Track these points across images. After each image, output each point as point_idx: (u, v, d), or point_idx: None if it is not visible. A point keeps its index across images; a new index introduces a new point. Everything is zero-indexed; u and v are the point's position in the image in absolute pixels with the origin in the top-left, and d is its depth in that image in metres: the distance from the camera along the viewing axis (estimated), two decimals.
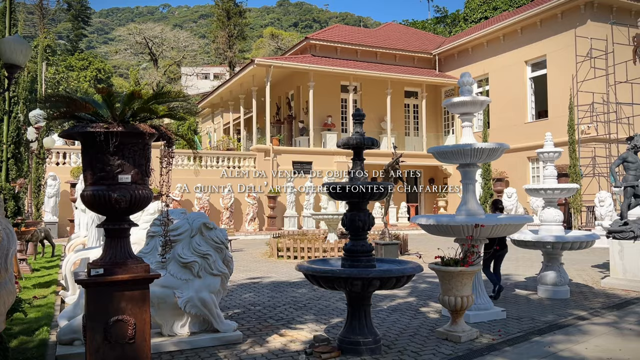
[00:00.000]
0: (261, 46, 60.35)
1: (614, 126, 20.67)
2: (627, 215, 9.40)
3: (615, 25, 20.91)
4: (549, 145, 8.96)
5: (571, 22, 22.01)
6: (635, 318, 6.97)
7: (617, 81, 20.71)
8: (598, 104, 21.00)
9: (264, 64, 24.73)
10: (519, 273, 11.03)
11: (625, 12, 22.29)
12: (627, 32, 21.13)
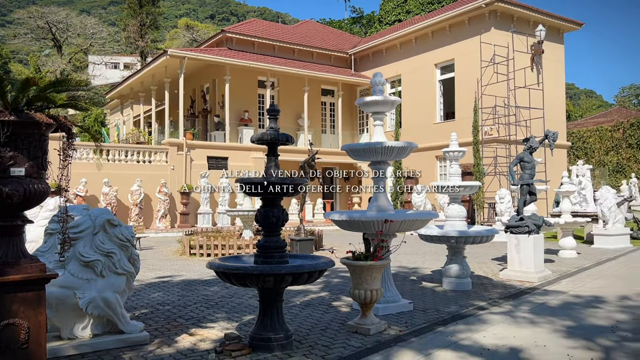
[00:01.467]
0: (175, 37, 58.40)
1: (514, 128, 22.17)
2: (523, 211, 10.12)
3: (516, 33, 22.43)
4: (454, 145, 9.43)
5: (477, 28, 23.31)
6: (528, 307, 7.52)
7: (516, 86, 22.23)
8: (500, 107, 22.43)
9: (178, 55, 23.96)
10: (425, 266, 11.53)
11: (524, 22, 23.97)
12: (526, 41, 22.75)
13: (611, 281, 9.57)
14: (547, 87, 23.15)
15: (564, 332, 6.13)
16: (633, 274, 10.42)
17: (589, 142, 35.18)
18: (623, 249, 14.12)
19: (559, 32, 25.80)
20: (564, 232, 13.26)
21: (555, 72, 25.09)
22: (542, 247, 9.93)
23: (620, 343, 5.67)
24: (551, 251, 13.54)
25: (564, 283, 9.43)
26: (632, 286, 8.93)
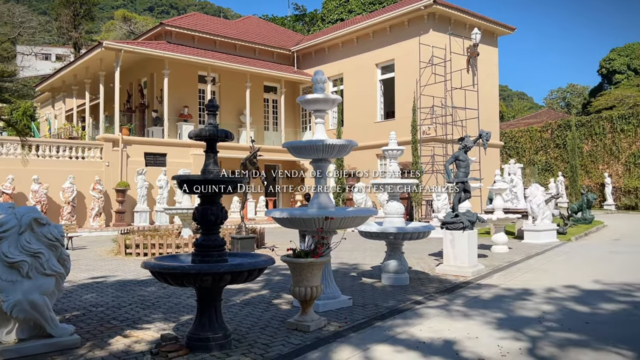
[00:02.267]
0: (112, 29, 56.21)
1: (450, 128, 22.90)
2: (458, 208, 10.47)
3: (453, 36, 23.16)
4: (393, 144, 9.62)
5: (416, 30, 23.88)
6: (462, 300, 7.79)
7: (453, 87, 22.96)
8: (437, 107, 23.10)
9: (114, 47, 23.07)
10: (366, 262, 11.71)
11: (461, 25, 24.78)
12: (462, 44, 23.53)
13: (539, 274, 10.08)
14: (481, 88, 24.05)
15: (495, 323, 6.40)
16: (558, 267, 11.02)
17: (520, 142, 36.88)
18: (550, 244, 14.89)
19: (493, 36, 26.87)
20: (496, 228, 13.83)
21: (489, 74, 26.11)
22: (475, 243, 10.31)
23: (546, 333, 5.98)
24: (484, 246, 14.08)
25: (495, 277, 9.84)
26: (557, 279, 9.44)
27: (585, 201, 20.89)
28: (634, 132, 30.56)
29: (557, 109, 69.09)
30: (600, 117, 33.30)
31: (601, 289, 8.48)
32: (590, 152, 32.73)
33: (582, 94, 68.47)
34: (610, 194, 30.31)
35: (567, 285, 8.81)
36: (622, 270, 10.41)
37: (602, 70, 56.05)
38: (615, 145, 31.48)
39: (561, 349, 5.40)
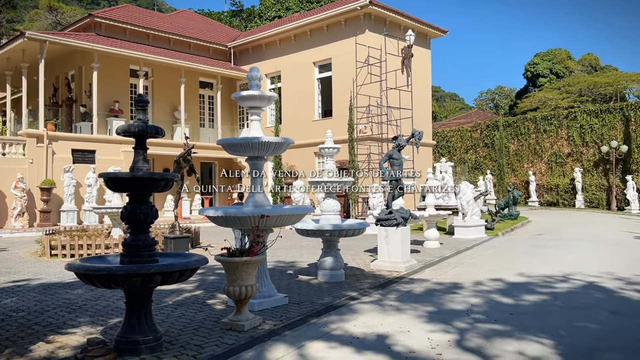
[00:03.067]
0: (36, 18, 53.18)
1: (386, 127, 23.38)
2: (392, 205, 10.70)
3: (388, 37, 23.63)
4: (329, 142, 9.69)
5: (353, 30, 24.17)
6: (395, 295, 7.98)
7: (388, 87, 23.45)
8: (373, 107, 23.51)
9: (38, 38, 21.81)
10: (303, 260, 11.75)
11: (396, 27, 25.34)
12: (397, 45, 24.07)
13: (468, 268, 10.48)
14: (415, 89, 24.70)
15: (425, 317, 6.60)
16: (486, 261, 11.51)
17: (452, 141, 38.22)
18: (479, 239, 15.53)
19: (426, 38, 27.67)
20: (428, 224, 14.26)
21: (422, 75, 26.87)
22: (408, 239, 10.58)
23: (473, 325, 6.23)
24: (417, 242, 14.50)
25: (427, 271, 10.14)
26: (485, 273, 9.86)
27: (512, 198, 21.94)
28: (556, 133, 32.42)
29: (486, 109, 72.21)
30: (525, 118, 35.07)
31: (524, 282, 8.94)
32: (516, 151, 34.40)
33: (509, 96, 71.91)
34: (534, 191, 32.02)
35: (494, 278, 9.23)
36: (543, 263, 11.02)
37: (527, 73, 59.13)
38: (538, 145, 33.27)
39: (487, 339, 5.64)
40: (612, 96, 46.38)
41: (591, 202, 30.12)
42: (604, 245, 13.99)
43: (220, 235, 16.74)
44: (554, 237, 16.20)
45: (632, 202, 26.62)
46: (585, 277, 9.24)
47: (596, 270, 9.91)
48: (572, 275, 9.50)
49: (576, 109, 33.71)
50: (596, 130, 30.29)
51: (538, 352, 5.21)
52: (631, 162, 28.48)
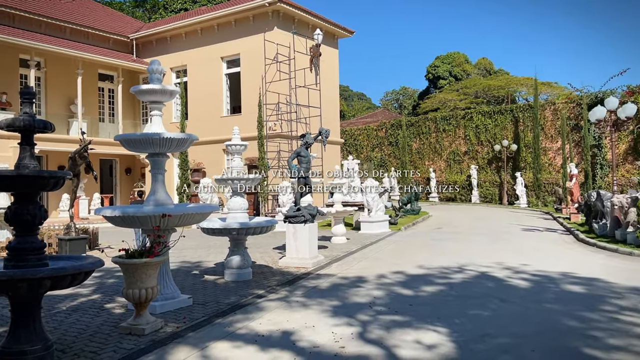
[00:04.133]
0: None
1: (295, 124, 23.51)
2: (300, 202, 10.80)
3: (297, 35, 23.77)
4: (236, 139, 9.58)
5: (261, 26, 24.04)
6: (302, 291, 8.05)
7: (297, 85, 23.60)
8: (283, 104, 23.55)
9: None
10: (209, 259, 11.51)
11: (304, 25, 25.55)
12: (306, 43, 24.27)
13: (372, 262, 10.83)
14: (323, 87, 25.07)
15: (330, 311, 6.72)
16: (390, 255, 11.95)
17: (359, 140, 39.28)
18: (383, 234, 16.10)
19: (334, 38, 28.17)
20: (336, 220, 14.56)
21: (330, 74, 27.33)
22: (316, 235, 10.72)
23: (375, 317, 6.45)
24: (325, 238, 14.74)
25: (334, 266, 10.35)
26: (388, 266, 10.24)
27: (414, 194, 22.99)
28: (454, 132, 34.38)
29: (391, 109, 75.00)
30: (426, 118, 36.84)
31: (424, 273, 9.39)
32: (418, 149, 36.04)
33: (412, 97, 75.20)
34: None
35: (396, 271, 9.60)
36: (441, 255, 11.64)
37: (429, 75, 62.18)
38: (438, 144, 35.10)
39: (387, 330, 5.86)
40: (504, 98, 49.97)
41: (485, 197, 32.28)
42: (496, 237, 15.06)
43: (123, 236, 15.97)
44: (452, 230, 17.18)
45: (521, 197, 28.87)
46: (478, 268, 9.89)
47: (488, 261, 10.64)
48: (466, 266, 10.13)
49: (472, 110, 35.93)
50: (490, 130, 32.49)
51: (434, 340, 5.49)
52: (520, 160, 30.88)
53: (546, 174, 29.34)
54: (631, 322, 6.07)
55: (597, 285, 8.24)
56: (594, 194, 15.43)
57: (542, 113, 30.01)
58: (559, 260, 10.77)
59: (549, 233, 16.21)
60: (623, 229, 13.11)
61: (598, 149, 27.08)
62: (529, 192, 29.33)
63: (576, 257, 11.41)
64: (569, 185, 21.35)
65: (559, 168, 28.42)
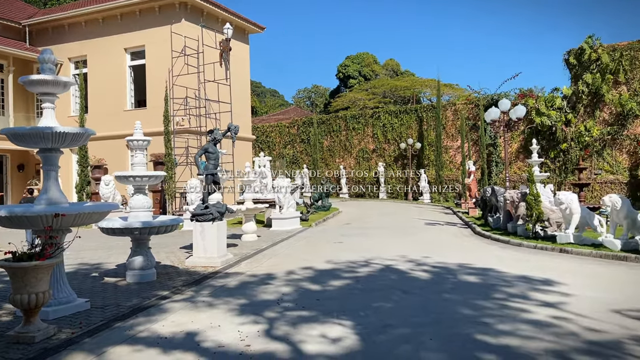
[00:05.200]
0: None
1: (204, 120, 22.97)
2: (208, 200, 10.56)
3: (205, 28, 23.20)
4: (138, 134, 9.19)
5: (168, 18, 23.20)
6: (209, 291, 7.89)
7: (206, 79, 23.05)
8: (191, 99, 22.91)
9: None
10: (110, 261, 10.95)
11: (213, 19, 24.99)
12: (215, 37, 23.78)
13: (282, 259, 10.85)
14: (234, 83, 24.69)
15: (237, 310, 6.64)
16: (300, 251, 12.05)
17: (271, 136, 39.19)
18: (294, 230, 16.19)
19: (244, 33, 27.82)
20: (246, 218, 14.41)
21: (241, 70, 26.99)
22: (225, 233, 10.55)
23: (282, 313, 6.46)
24: (236, 236, 14.56)
25: (243, 264, 10.24)
26: (298, 262, 10.30)
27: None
28: (363, 131, 35.31)
29: (303, 107, 75.59)
30: (337, 116, 37.51)
31: (332, 268, 9.56)
32: (329, 146, 36.62)
33: (324, 95, 76.28)
34: (345, 183, 34.50)
35: (305, 267, 9.69)
36: (349, 250, 11.91)
37: (340, 74, 63.39)
38: (348, 141, 35.89)
39: (294, 326, 5.89)
40: (409, 99, 52.10)
41: (392, 193, 33.49)
42: (401, 231, 15.67)
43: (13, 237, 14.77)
44: (360, 225, 17.64)
45: (425, 193, 30.28)
46: (383, 261, 10.23)
47: (393, 254, 11.04)
48: (373, 259, 10.44)
49: (380, 109, 37.10)
50: (396, 129, 33.73)
51: (339, 334, 5.60)
52: (424, 158, 32.36)
53: (447, 170, 31.00)
54: (518, 308, 6.56)
55: (490, 275, 8.83)
56: (489, 190, 16.52)
57: (444, 113, 31.63)
58: (457, 252, 11.42)
59: (449, 227, 17.14)
60: (514, 222, 14.16)
61: (493, 148, 29.01)
62: (432, 188, 30.83)
63: (473, 248, 12.16)
64: (467, 181, 22.68)
65: (459, 165, 30.13)
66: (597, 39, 25.36)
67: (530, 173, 13.08)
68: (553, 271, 9.03)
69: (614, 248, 10.90)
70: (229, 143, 20.61)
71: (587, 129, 25.38)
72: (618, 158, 25.09)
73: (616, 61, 24.74)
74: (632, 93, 24.68)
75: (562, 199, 11.78)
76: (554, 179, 26.22)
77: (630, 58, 24.78)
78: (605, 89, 24.95)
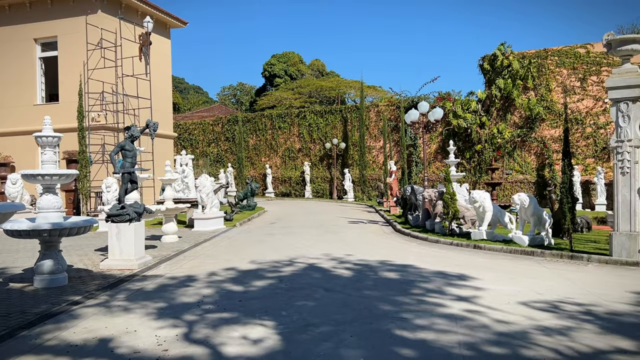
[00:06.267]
0: None
1: (122, 116, 22.00)
2: (125, 200, 10.12)
3: (124, 21, 22.23)
4: (48, 130, 8.64)
5: (83, 8, 22.01)
6: (125, 295, 7.55)
7: (125, 74, 22.09)
8: (108, 94, 21.87)
9: None
10: (17, 265, 10.21)
11: (133, 11, 24.00)
12: (134, 30, 22.85)
13: (204, 260, 10.61)
14: (154, 78, 23.84)
15: (155, 314, 6.41)
16: (223, 252, 11.83)
17: (194, 134, 38.26)
18: (218, 230, 15.89)
19: (166, 27, 26.95)
20: (167, 218, 13.95)
21: (162, 65, 26.13)
22: (143, 234, 10.15)
23: (203, 316, 6.31)
24: (155, 237, 14.07)
25: (162, 267, 9.91)
26: (220, 263, 10.12)
27: (250, 190, 23.09)
28: (289, 130, 35.33)
29: (229, 104, 74.48)
30: (263, 115, 37.27)
31: (256, 268, 9.47)
32: (255, 145, 36.33)
33: (250, 93, 75.54)
34: (271, 183, 34.37)
35: (228, 268, 9.54)
36: (274, 250, 11.87)
37: (265, 73, 63.04)
38: (274, 140, 35.78)
39: (215, 329, 5.77)
40: (335, 99, 52.80)
41: (318, 192, 33.79)
42: (325, 230, 15.83)
43: None
44: (285, 225, 17.64)
45: (349, 192, 30.82)
46: (307, 260, 10.28)
47: (317, 253, 11.13)
48: (297, 259, 10.46)
49: (306, 109, 37.28)
50: (321, 129, 34.06)
51: (261, 334, 5.55)
52: (348, 158, 32.92)
53: (370, 170, 31.73)
54: (435, 303, 6.82)
55: (409, 271, 9.11)
56: (409, 189, 17.07)
57: (367, 114, 32.33)
58: (378, 250, 11.70)
59: (372, 225, 17.54)
60: (432, 220, 14.72)
61: (414, 148, 30.04)
62: (355, 187, 31.43)
63: (393, 245, 12.51)
64: (389, 180, 23.34)
65: (381, 165, 30.92)
66: (508, 46, 26.95)
67: (447, 173, 13.65)
68: (467, 267, 9.47)
69: (522, 244, 11.62)
70: (149, 140, 19.90)
71: (499, 131, 26.89)
72: (527, 159, 26.79)
73: (525, 68, 26.40)
74: (539, 98, 26.45)
75: (476, 198, 12.39)
76: (470, 178, 27.57)
77: (538, 65, 26.55)
78: (515, 93, 26.56)
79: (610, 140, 10.31)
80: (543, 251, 10.80)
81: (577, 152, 25.26)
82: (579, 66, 25.82)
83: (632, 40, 9.98)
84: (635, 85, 9.95)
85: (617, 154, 10.13)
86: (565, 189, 11.15)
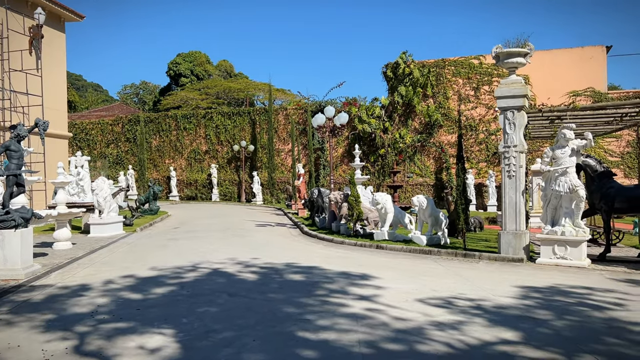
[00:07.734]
0: None
1: (9, 114, 20.27)
2: (10, 204, 9.33)
3: (11, 11, 20.52)
4: None
5: None
6: (9, 307, 6.95)
7: (12, 69, 20.39)
8: None
9: None
10: None
11: (22, 1, 22.21)
12: (24, 22, 21.18)
13: (100, 268, 10.03)
14: (47, 74, 22.22)
15: (43, 327, 5.96)
16: (121, 258, 11.27)
17: (92, 134, 36.18)
18: (116, 236, 15.10)
19: (60, 20, 25.21)
20: (59, 224, 13.02)
21: (56, 60, 24.42)
22: (31, 241, 9.39)
23: (96, 327, 5.95)
24: (47, 244, 13.12)
25: (53, 276, 9.24)
26: (117, 270, 9.62)
27: (152, 193, 22.20)
28: (195, 131, 34.47)
29: (131, 104, 71.22)
30: (167, 115, 36.05)
31: (156, 275, 9.11)
32: (158, 146, 35.03)
33: (153, 92, 72.77)
34: (175, 185, 33.31)
35: (126, 275, 9.09)
36: (176, 255, 11.49)
37: (170, 72, 61.05)
38: (179, 142, 34.73)
39: (109, 340, 5.46)
40: (243, 101, 52.33)
41: (225, 195, 33.26)
42: (232, 233, 15.61)
43: None
44: (190, 229, 17.17)
45: (257, 195, 30.65)
46: (211, 265, 10.06)
47: (222, 257, 10.93)
48: (200, 264, 10.21)
49: (213, 110, 36.60)
50: (229, 131, 33.60)
51: (159, 343, 5.34)
52: (257, 160, 32.75)
53: (279, 173, 31.79)
54: (338, 303, 6.95)
55: (314, 272, 9.22)
56: (316, 191, 17.31)
57: (276, 117, 32.38)
58: (285, 252, 11.74)
59: (279, 227, 17.56)
60: (338, 222, 15.03)
61: (321, 152, 30.53)
62: (264, 190, 31.32)
63: (300, 248, 12.61)
64: (297, 183, 23.52)
65: (290, 168, 31.08)
66: (409, 55, 28.24)
67: (352, 176, 14.01)
68: (370, 266, 9.77)
69: (420, 243, 12.19)
70: (39, 141, 18.47)
71: (401, 136, 28.07)
72: (426, 163, 28.20)
73: (425, 76, 27.79)
74: (437, 105, 27.95)
75: (378, 200, 12.83)
76: (374, 181, 28.51)
77: (436, 74, 28.06)
78: (416, 100, 27.87)
79: (499, 146, 11.12)
80: (439, 250, 11.41)
81: (472, 156, 27.02)
82: (473, 76, 27.65)
83: (516, 53, 10.84)
84: (520, 95, 10.82)
85: (504, 159, 10.95)
86: (459, 191, 11.87)
